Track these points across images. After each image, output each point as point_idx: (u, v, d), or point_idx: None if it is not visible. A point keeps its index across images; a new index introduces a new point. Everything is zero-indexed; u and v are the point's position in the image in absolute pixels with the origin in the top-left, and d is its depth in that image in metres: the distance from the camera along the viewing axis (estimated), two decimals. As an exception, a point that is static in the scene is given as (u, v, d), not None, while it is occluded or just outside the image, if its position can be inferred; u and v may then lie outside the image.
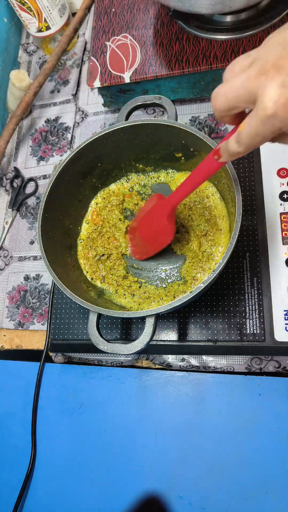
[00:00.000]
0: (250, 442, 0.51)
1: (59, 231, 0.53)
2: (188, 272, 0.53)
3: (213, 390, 0.54)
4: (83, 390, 0.59)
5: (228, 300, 0.51)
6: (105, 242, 0.57)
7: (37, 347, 0.63)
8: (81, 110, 0.73)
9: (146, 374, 0.57)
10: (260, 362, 0.52)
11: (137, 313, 0.41)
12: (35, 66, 0.80)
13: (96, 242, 0.57)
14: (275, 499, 0.49)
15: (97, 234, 0.57)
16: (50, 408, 0.60)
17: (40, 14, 0.69)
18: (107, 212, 0.58)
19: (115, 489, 0.55)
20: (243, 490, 0.50)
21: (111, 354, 0.58)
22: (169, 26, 0.60)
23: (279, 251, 0.51)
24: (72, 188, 0.54)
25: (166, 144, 0.52)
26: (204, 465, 0.52)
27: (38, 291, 0.65)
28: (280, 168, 0.54)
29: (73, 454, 0.57)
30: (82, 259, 0.57)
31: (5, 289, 0.67)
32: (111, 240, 0.56)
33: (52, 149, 0.73)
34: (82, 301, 0.43)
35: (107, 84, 0.61)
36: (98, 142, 0.51)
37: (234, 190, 0.42)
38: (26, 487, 0.57)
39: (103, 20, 0.65)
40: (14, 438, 0.60)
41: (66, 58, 0.77)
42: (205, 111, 0.65)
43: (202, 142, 0.46)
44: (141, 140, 0.52)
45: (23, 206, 0.71)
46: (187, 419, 0.54)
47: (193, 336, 0.51)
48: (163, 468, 0.53)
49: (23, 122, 0.77)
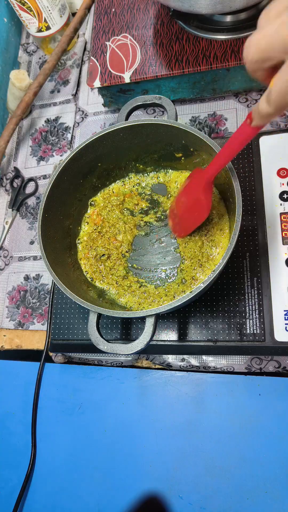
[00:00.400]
0: (250, 442, 0.51)
1: (59, 231, 0.53)
2: (187, 272, 0.53)
3: (213, 390, 0.54)
4: (83, 390, 0.59)
5: (228, 300, 0.51)
6: (106, 242, 0.57)
7: (37, 347, 0.63)
8: (81, 110, 0.73)
9: (146, 374, 0.57)
10: (260, 362, 0.52)
11: (137, 313, 0.42)
12: (35, 66, 0.80)
13: (96, 242, 0.57)
14: (275, 499, 0.49)
15: (97, 234, 0.57)
16: (50, 408, 0.60)
17: (40, 14, 0.69)
18: (107, 212, 0.58)
19: (115, 489, 0.55)
20: (243, 490, 0.50)
21: (111, 354, 0.58)
22: (169, 26, 0.60)
23: (279, 251, 0.51)
24: (72, 188, 0.54)
25: (166, 144, 0.52)
26: (204, 465, 0.52)
27: (38, 291, 0.65)
28: (280, 168, 0.54)
29: (73, 454, 0.57)
30: (82, 259, 0.57)
31: (5, 289, 0.67)
32: (112, 240, 0.56)
33: (52, 149, 0.73)
34: (82, 301, 0.43)
35: (107, 84, 0.61)
36: (98, 142, 0.51)
37: (234, 190, 0.42)
38: (26, 487, 0.57)
39: (103, 20, 0.65)
40: (14, 438, 0.60)
41: (66, 58, 0.77)
42: (205, 111, 0.65)
43: (202, 142, 0.46)
44: (141, 140, 0.52)
45: (23, 206, 0.71)
46: (187, 419, 0.54)
47: (193, 336, 0.51)
48: (163, 468, 0.53)
49: (23, 122, 0.77)
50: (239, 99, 0.64)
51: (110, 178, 0.59)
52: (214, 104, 0.65)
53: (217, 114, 0.64)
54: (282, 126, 0.60)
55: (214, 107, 0.65)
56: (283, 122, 0.60)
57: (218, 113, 0.64)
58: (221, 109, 0.64)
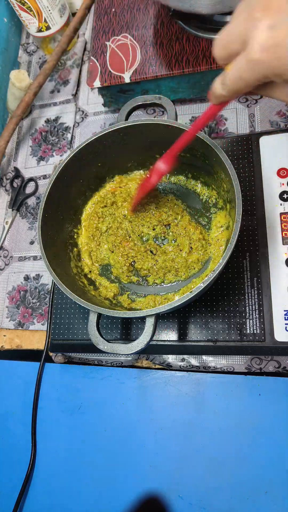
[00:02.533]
0: (250, 442, 0.51)
1: (59, 231, 0.53)
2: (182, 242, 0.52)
3: (213, 390, 0.54)
4: (83, 390, 0.59)
5: (228, 300, 0.51)
6: (107, 242, 0.57)
7: (37, 347, 0.63)
8: (81, 110, 0.73)
9: (146, 374, 0.57)
10: (260, 362, 0.52)
11: (137, 313, 0.41)
12: (35, 66, 0.80)
13: (97, 243, 0.57)
14: (275, 499, 0.49)
15: (99, 235, 0.57)
16: (50, 408, 0.60)
17: (40, 14, 0.69)
18: (105, 212, 0.58)
19: (115, 489, 0.55)
20: (243, 490, 0.50)
21: (111, 354, 0.58)
22: (169, 26, 0.60)
23: (279, 251, 0.51)
24: (72, 188, 0.54)
25: (166, 144, 0.52)
26: (204, 465, 0.52)
27: (38, 291, 0.65)
28: (280, 168, 0.54)
29: (73, 454, 0.57)
30: (83, 257, 0.57)
31: (5, 289, 0.67)
32: (112, 239, 0.56)
33: (52, 149, 0.73)
34: (82, 301, 0.43)
35: (107, 84, 0.61)
36: (98, 142, 0.51)
37: (234, 190, 0.42)
38: (26, 487, 0.57)
39: (103, 20, 0.65)
40: (14, 438, 0.60)
41: (66, 58, 0.77)
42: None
43: (202, 142, 0.46)
44: (141, 140, 0.52)
45: (23, 206, 0.71)
46: (187, 419, 0.54)
47: (193, 336, 0.51)
48: (163, 468, 0.53)
49: (23, 122, 0.77)
50: (239, 99, 0.64)
51: (110, 178, 0.59)
52: (214, 104, 0.65)
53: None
54: (282, 126, 0.60)
55: (214, 107, 0.65)
56: (283, 122, 0.60)
57: (218, 113, 0.64)
58: (221, 109, 0.64)
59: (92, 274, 0.56)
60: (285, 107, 0.60)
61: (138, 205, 0.55)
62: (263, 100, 0.62)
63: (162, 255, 0.53)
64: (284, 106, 0.60)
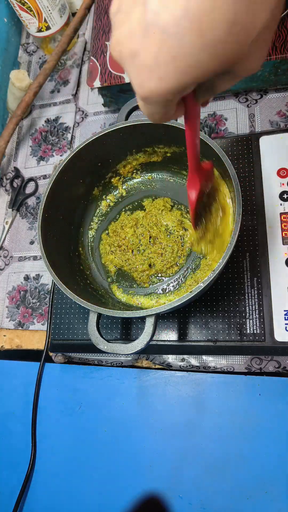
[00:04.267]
0: (250, 442, 0.51)
1: (59, 231, 0.53)
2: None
3: (213, 390, 0.54)
4: (83, 390, 0.59)
5: (228, 300, 0.51)
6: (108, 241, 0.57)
7: (37, 347, 0.63)
8: (81, 110, 0.73)
9: (146, 374, 0.57)
10: (260, 362, 0.52)
11: (137, 313, 0.41)
12: (35, 66, 0.80)
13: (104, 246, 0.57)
14: (275, 499, 0.49)
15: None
16: (50, 408, 0.60)
17: (40, 14, 0.69)
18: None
19: (115, 489, 0.55)
20: (243, 490, 0.50)
21: (111, 354, 0.58)
22: (169, 26, 0.60)
23: (279, 251, 0.51)
24: (72, 188, 0.54)
25: (166, 144, 0.52)
26: (204, 465, 0.52)
27: (38, 291, 0.65)
28: (280, 168, 0.54)
29: (73, 454, 0.57)
30: (83, 256, 0.57)
31: (5, 289, 0.67)
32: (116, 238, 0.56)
33: (52, 149, 0.73)
34: (82, 301, 0.43)
35: (107, 84, 0.61)
36: (98, 142, 0.51)
37: (234, 190, 0.42)
38: (26, 487, 0.57)
39: (103, 20, 0.65)
40: (14, 438, 0.60)
41: (66, 58, 0.77)
42: (205, 111, 0.65)
43: (202, 142, 0.46)
44: (141, 140, 0.52)
45: (23, 206, 0.71)
46: (187, 419, 0.54)
47: (193, 336, 0.51)
48: (163, 468, 0.53)
49: (23, 122, 0.77)
50: (239, 99, 0.64)
51: (110, 178, 0.59)
52: (214, 104, 0.65)
53: (217, 114, 0.64)
54: (282, 126, 0.60)
55: (214, 107, 0.65)
56: (283, 122, 0.60)
57: (218, 113, 0.64)
58: (221, 109, 0.64)
59: (91, 273, 0.56)
60: (285, 107, 0.60)
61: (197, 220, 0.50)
62: (263, 100, 0.62)
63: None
64: (284, 106, 0.60)
